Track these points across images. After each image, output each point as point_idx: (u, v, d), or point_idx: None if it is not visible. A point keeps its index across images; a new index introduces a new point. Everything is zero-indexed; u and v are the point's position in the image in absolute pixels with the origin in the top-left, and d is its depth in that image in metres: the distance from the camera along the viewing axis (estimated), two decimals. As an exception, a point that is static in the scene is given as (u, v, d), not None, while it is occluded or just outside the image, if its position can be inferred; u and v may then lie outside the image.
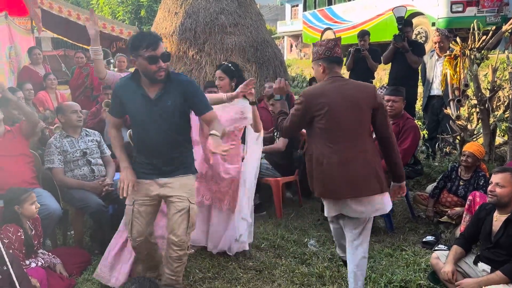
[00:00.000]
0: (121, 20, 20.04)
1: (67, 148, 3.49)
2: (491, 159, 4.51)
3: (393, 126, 3.80)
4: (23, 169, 3.36)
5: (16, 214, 2.82)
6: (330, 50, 2.51)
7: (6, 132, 3.37)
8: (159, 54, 2.33)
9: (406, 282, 2.91)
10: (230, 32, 5.62)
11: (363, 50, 5.92)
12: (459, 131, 4.60)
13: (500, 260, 2.58)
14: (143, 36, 2.37)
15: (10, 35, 6.36)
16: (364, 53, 5.90)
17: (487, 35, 4.46)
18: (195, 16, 5.69)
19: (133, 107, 2.49)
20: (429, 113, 5.49)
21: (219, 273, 3.11)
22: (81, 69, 6.26)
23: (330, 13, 13.08)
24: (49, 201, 3.27)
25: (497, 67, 4.56)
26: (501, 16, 9.17)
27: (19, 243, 2.74)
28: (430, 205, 3.84)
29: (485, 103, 4.42)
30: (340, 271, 3.09)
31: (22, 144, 3.43)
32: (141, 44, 2.32)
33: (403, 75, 5.41)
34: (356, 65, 6.08)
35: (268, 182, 4.26)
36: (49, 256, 2.97)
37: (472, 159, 3.64)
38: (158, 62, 2.33)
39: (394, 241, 3.60)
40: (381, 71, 9.48)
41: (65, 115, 3.54)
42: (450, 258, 2.75)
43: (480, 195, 3.27)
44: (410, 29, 5.80)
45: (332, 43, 2.55)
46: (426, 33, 9.57)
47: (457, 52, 4.58)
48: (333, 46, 2.53)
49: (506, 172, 2.68)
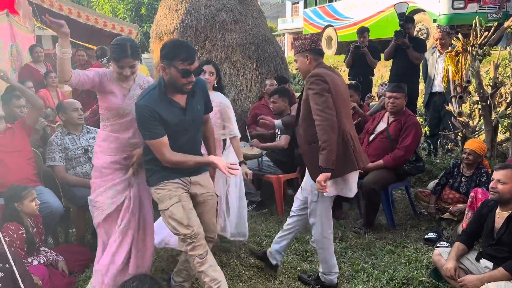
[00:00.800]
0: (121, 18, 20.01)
1: (68, 146, 3.49)
2: (493, 156, 4.50)
3: (394, 123, 3.81)
4: (24, 167, 3.36)
5: (17, 211, 2.82)
6: (315, 43, 2.71)
7: (6, 129, 3.37)
8: (193, 68, 2.26)
9: (408, 279, 2.91)
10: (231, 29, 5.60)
11: (362, 47, 5.90)
12: (461, 128, 4.59)
13: (503, 257, 2.58)
14: (181, 47, 2.24)
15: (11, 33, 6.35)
16: (364, 49, 5.89)
17: (489, 31, 4.44)
18: (195, 13, 5.67)
19: (170, 120, 2.33)
20: (430, 110, 5.48)
21: (221, 270, 3.11)
22: (82, 67, 6.25)
23: (331, 10, 13.04)
24: (51, 199, 3.27)
25: (499, 64, 4.55)
26: (503, 13, 9.14)
27: (20, 241, 2.74)
28: (432, 201, 3.83)
29: (487, 99, 4.40)
30: (342, 268, 3.08)
31: (23, 141, 3.43)
32: (178, 55, 2.21)
33: (404, 71, 5.39)
34: (356, 62, 6.07)
35: (270, 180, 4.26)
36: (51, 254, 2.97)
37: (473, 156, 3.63)
38: (190, 76, 2.26)
39: (396, 238, 3.60)
40: (382, 67, 9.46)
41: (66, 113, 3.54)
42: (453, 255, 2.75)
43: (482, 191, 3.27)
44: (412, 26, 5.79)
45: (316, 37, 2.77)
46: (427, 30, 9.54)
47: (459, 49, 4.56)
48: (316, 39, 2.75)
49: (508, 168, 2.67)
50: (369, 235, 3.65)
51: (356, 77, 5.86)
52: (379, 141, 3.84)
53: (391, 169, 3.75)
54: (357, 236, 3.64)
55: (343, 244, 3.49)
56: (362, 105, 4.85)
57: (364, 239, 3.57)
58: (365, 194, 3.68)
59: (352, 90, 4.62)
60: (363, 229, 3.73)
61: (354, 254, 3.32)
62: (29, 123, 3.48)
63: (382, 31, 10.44)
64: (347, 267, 3.11)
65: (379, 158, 3.75)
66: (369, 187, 3.59)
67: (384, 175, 3.73)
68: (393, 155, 3.72)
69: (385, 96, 3.99)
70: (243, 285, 2.94)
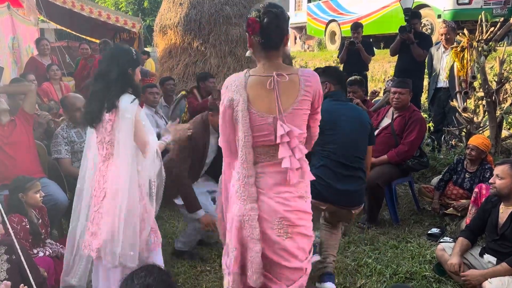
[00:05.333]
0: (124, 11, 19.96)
1: (74, 139, 3.50)
2: (497, 152, 4.49)
3: (399, 118, 3.81)
4: (28, 158, 3.36)
5: (20, 203, 2.84)
6: None
7: (9, 122, 3.37)
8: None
9: (411, 273, 2.92)
10: (235, 23, 5.58)
11: (357, 42, 5.88)
12: (465, 124, 4.58)
13: (506, 252, 2.59)
14: None
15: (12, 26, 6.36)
16: (359, 45, 5.87)
17: (494, 27, 4.42)
18: (199, 7, 5.65)
19: None
20: (435, 106, 5.46)
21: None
22: (86, 61, 6.25)
23: (335, 5, 12.97)
24: (56, 191, 3.28)
25: (504, 59, 4.53)
26: (508, 8, 9.06)
27: (24, 232, 2.75)
28: (436, 197, 3.83)
29: (492, 95, 4.39)
30: (345, 262, 3.10)
31: (26, 132, 3.43)
32: None
33: (409, 67, 5.37)
34: (350, 58, 6.05)
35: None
36: (57, 246, 2.99)
37: (476, 152, 3.62)
38: None
39: (399, 233, 3.60)
40: (386, 63, 9.43)
41: (68, 112, 3.57)
42: (456, 250, 2.76)
43: (486, 187, 3.26)
44: (418, 21, 5.75)
45: None
46: (432, 25, 9.49)
47: (464, 44, 4.54)
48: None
49: (506, 164, 2.69)
50: (373, 230, 3.66)
51: (351, 73, 5.85)
52: (383, 136, 3.83)
53: (395, 164, 3.75)
54: (361, 231, 3.65)
55: (347, 239, 3.49)
56: (366, 101, 4.84)
57: (367, 234, 3.57)
58: (368, 189, 3.67)
59: (356, 85, 4.62)
60: (366, 224, 3.73)
61: (358, 249, 3.33)
62: (27, 110, 3.48)
63: (386, 26, 10.38)
64: (350, 262, 3.12)
65: (383, 153, 3.75)
66: (373, 182, 3.59)
67: (388, 171, 3.73)
68: (397, 150, 3.72)
69: (390, 91, 3.98)
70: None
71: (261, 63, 1.85)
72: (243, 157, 1.81)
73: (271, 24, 1.77)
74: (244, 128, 1.78)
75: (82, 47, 6.50)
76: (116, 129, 2.22)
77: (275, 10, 1.79)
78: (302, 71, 1.88)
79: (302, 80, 1.83)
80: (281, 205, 1.82)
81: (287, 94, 1.81)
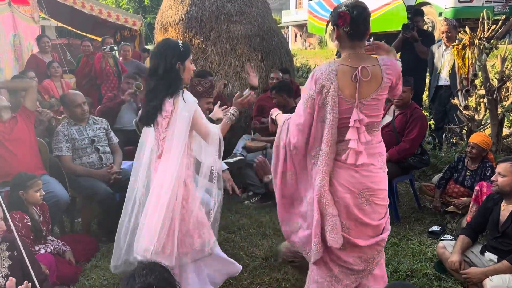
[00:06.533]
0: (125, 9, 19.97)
1: (75, 136, 3.50)
2: (499, 150, 4.49)
3: (400, 116, 3.81)
4: (29, 155, 3.37)
5: (21, 200, 2.85)
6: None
7: (11, 118, 3.37)
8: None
9: (412, 271, 2.93)
10: (236, 21, 5.56)
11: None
12: (466, 122, 4.58)
13: (507, 250, 2.59)
14: None
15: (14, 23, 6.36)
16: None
17: (496, 25, 4.41)
18: (201, 5, 5.63)
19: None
20: (436, 104, 5.45)
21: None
22: (87, 58, 6.25)
23: (336, 2, 12.94)
24: (57, 188, 3.29)
25: (505, 57, 4.52)
26: (510, 6, 9.04)
27: (26, 229, 2.77)
28: (437, 195, 3.84)
29: (493, 93, 4.38)
30: (346, 260, 3.09)
31: (28, 129, 3.44)
32: None
33: (411, 65, 5.35)
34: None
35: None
36: (58, 243, 3.00)
37: (477, 150, 3.62)
38: None
39: (400, 231, 3.61)
40: (387, 61, 9.40)
41: (69, 109, 3.57)
42: (457, 248, 2.76)
43: (487, 185, 3.26)
44: (421, 19, 5.71)
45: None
46: (433, 23, 9.47)
47: (466, 42, 4.52)
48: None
49: (508, 162, 2.70)
50: (373, 227, 3.66)
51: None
52: (384, 134, 3.80)
53: (396, 162, 3.75)
54: (361, 229, 3.65)
55: (347, 236, 3.49)
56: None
57: (368, 232, 3.57)
58: (369, 187, 3.68)
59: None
60: (367, 221, 3.74)
61: (358, 246, 3.33)
62: (29, 106, 3.49)
63: (388, 24, 10.35)
64: (351, 259, 3.12)
65: (384, 151, 3.74)
66: (374, 179, 3.60)
67: (389, 168, 3.71)
68: (398, 148, 3.71)
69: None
70: (248, 275, 2.96)
71: (347, 53, 2.07)
72: (328, 136, 2.04)
73: (360, 16, 2.01)
74: (333, 111, 2.01)
75: (84, 44, 6.49)
76: (172, 125, 2.27)
77: (363, 5, 2.05)
78: (382, 59, 2.10)
79: (384, 69, 2.07)
80: (363, 177, 2.09)
81: (370, 83, 2.04)
